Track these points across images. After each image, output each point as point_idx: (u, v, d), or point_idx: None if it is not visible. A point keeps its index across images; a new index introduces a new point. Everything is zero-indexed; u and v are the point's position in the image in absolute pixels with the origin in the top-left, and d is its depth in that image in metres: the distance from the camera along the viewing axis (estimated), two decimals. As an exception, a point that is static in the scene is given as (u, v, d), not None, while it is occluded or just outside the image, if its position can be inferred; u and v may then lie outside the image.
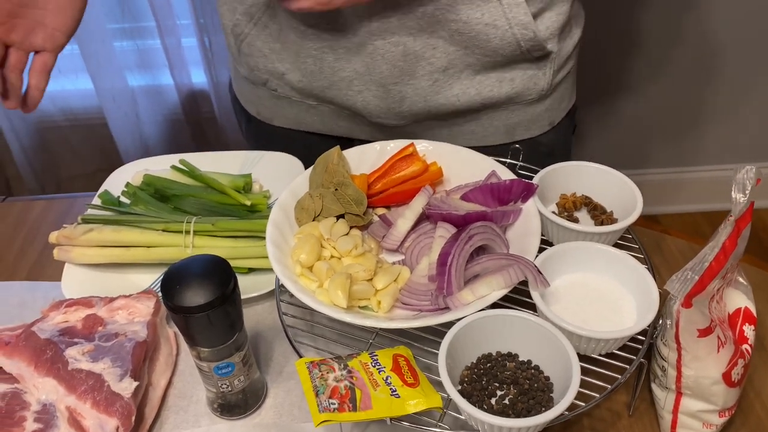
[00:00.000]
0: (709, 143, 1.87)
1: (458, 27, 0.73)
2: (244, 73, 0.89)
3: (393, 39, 0.74)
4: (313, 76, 0.81)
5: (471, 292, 0.59)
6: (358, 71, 0.78)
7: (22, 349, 0.62)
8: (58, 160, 1.72)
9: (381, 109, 0.81)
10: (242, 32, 0.82)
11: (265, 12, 0.79)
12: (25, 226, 0.86)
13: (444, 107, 0.80)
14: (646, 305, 0.57)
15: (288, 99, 0.87)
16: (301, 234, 0.67)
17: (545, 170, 0.70)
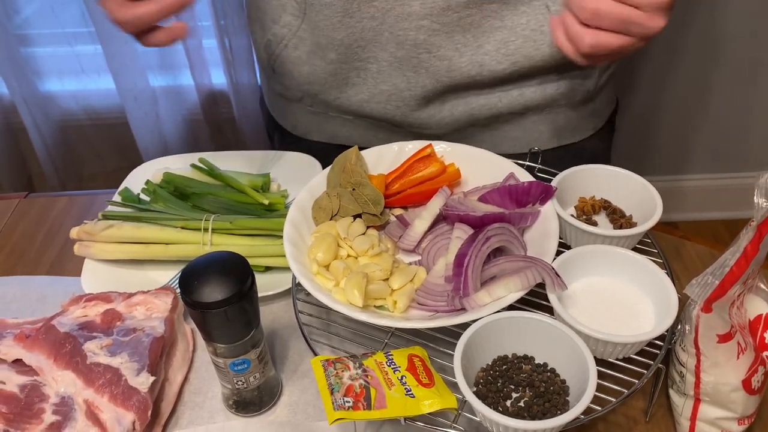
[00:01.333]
0: (729, 150, 1.85)
1: (504, 36, 0.73)
2: (278, 90, 0.89)
3: (439, 53, 0.74)
4: (351, 92, 0.81)
5: (488, 294, 0.58)
6: (398, 86, 0.78)
7: (42, 342, 0.63)
8: (80, 158, 1.75)
9: (421, 119, 0.81)
10: (273, 52, 0.83)
11: (295, 34, 0.79)
12: (47, 222, 0.87)
13: (485, 111, 0.80)
14: (664, 310, 0.57)
15: (325, 114, 0.87)
16: (318, 233, 0.67)
17: (564, 173, 0.70)
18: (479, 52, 0.74)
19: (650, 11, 0.58)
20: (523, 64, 0.76)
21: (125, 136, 1.64)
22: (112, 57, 1.49)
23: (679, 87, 1.73)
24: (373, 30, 0.74)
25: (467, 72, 0.76)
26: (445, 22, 0.72)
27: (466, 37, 0.73)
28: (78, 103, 1.65)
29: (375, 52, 0.76)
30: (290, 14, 0.78)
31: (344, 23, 0.74)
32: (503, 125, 0.83)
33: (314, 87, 0.83)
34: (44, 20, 1.57)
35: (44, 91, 1.62)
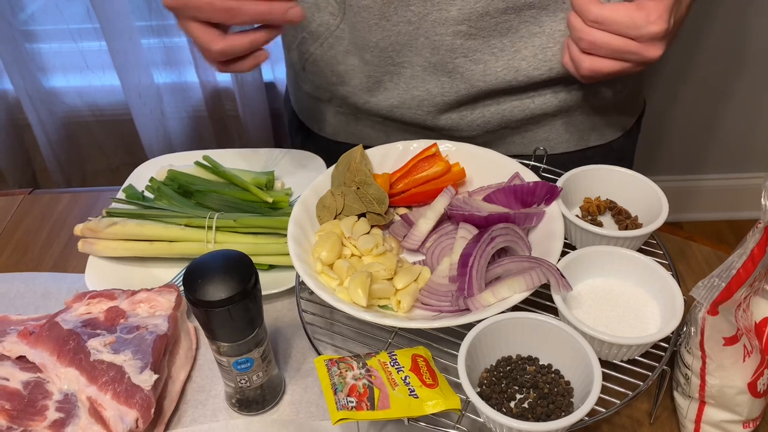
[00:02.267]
0: (735, 150, 1.84)
1: (542, 42, 0.73)
2: (308, 90, 0.89)
3: (475, 57, 0.74)
4: (381, 97, 0.80)
5: (492, 294, 0.58)
6: (431, 92, 0.78)
7: (46, 339, 0.63)
8: (84, 155, 1.75)
9: (452, 122, 0.80)
10: (308, 50, 0.82)
11: (333, 33, 0.78)
12: (51, 219, 0.87)
13: (517, 113, 0.79)
14: (670, 312, 0.57)
15: (354, 116, 0.87)
16: (323, 232, 0.67)
17: (569, 173, 0.69)
18: (516, 58, 0.74)
19: (645, 42, 0.62)
20: (559, 71, 0.75)
21: (129, 132, 1.64)
22: (116, 53, 1.49)
23: (689, 88, 1.73)
24: (409, 34, 0.74)
25: (503, 77, 0.75)
26: (483, 27, 0.72)
27: (503, 42, 0.73)
28: (82, 99, 1.65)
29: (409, 56, 0.76)
30: (329, 13, 0.77)
31: (380, 26, 0.74)
32: (534, 127, 0.83)
33: (345, 88, 0.82)
34: (49, 16, 1.57)
35: (49, 87, 1.62)
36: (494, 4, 0.71)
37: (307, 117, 0.94)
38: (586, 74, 0.66)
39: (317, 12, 0.79)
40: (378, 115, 0.84)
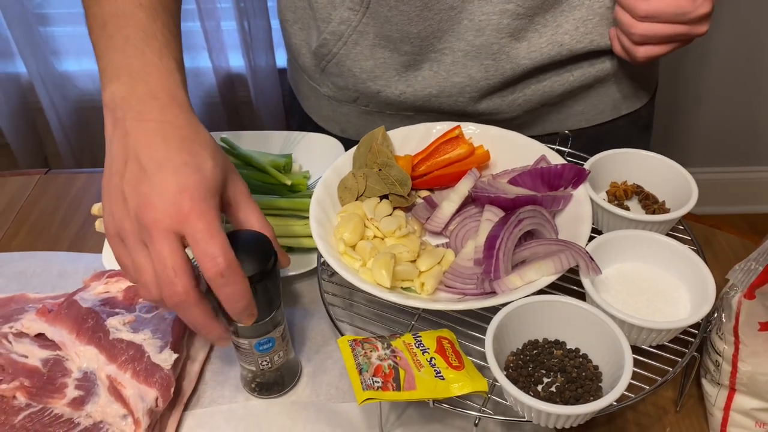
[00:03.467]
0: (748, 143, 1.82)
1: (582, 14, 0.72)
2: (327, 93, 0.86)
3: (520, 35, 0.72)
4: (418, 86, 0.78)
5: (519, 277, 0.57)
6: (474, 77, 0.76)
7: (65, 317, 0.63)
8: (96, 139, 1.74)
9: (493, 106, 0.79)
10: (330, 52, 0.79)
11: (355, 29, 0.76)
12: (67, 199, 0.87)
13: (557, 87, 0.78)
14: (700, 297, 0.55)
15: (380, 113, 0.84)
16: (345, 213, 0.66)
17: (596, 157, 0.68)
18: (559, 32, 0.73)
19: (694, 23, 0.65)
20: (599, 43, 0.75)
21: (142, 117, 1.64)
22: (130, 37, 1.48)
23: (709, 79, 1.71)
24: (452, 19, 0.72)
25: (547, 52, 0.74)
26: (529, 6, 0.71)
27: (546, 17, 0.72)
28: (95, 83, 1.64)
29: (451, 42, 0.74)
30: (347, 8, 0.74)
31: (422, 17, 0.72)
32: (571, 101, 0.82)
33: (378, 83, 0.80)
34: (63, 0, 1.57)
35: (62, 71, 1.61)
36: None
37: (326, 120, 0.91)
38: (642, 62, 0.70)
39: (334, 10, 0.76)
40: (412, 108, 0.82)
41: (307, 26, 0.81)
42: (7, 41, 1.56)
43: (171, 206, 0.49)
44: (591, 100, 0.82)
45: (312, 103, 0.92)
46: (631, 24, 0.67)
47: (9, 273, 0.75)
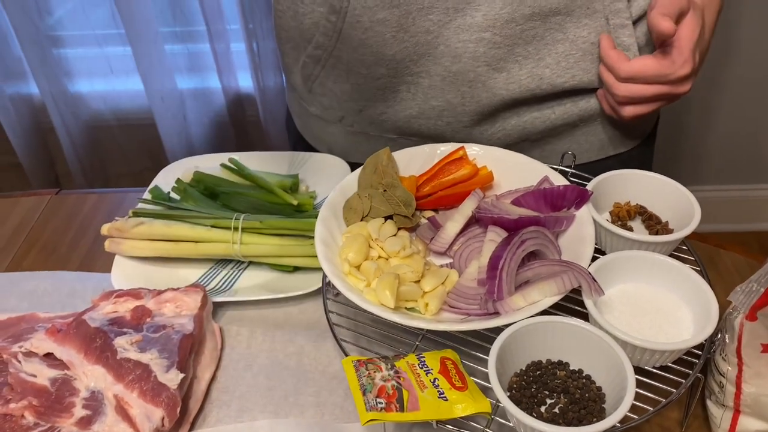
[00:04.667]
0: (757, 160, 1.82)
1: (565, 48, 0.72)
2: (315, 112, 0.88)
3: (498, 65, 0.73)
4: (398, 107, 0.79)
5: (522, 298, 0.58)
6: (451, 102, 0.76)
7: (73, 336, 0.63)
8: (107, 158, 1.77)
9: (472, 136, 0.79)
10: (311, 73, 0.81)
11: (331, 54, 0.77)
12: (78, 219, 0.88)
13: (538, 124, 0.79)
14: (704, 318, 0.56)
15: (365, 134, 0.85)
16: (350, 233, 0.67)
17: (599, 178, 0.69)
18: (540, 65, 0.73)
19: (676, 84, 0.67)
20: (581, 78, 0.75)
21: (152, 137, 1.66)
22: (141, 58, 1.51)
23: (717, 96, 1.71)
24: (428, 44, 0.72)
25: (526, 85, 0.74)
26: (508, 35, 0.71)
27: (527, 49, 0.72)
28: (106, 103, 1.67)
29: (427, 66, 0.74)
30: (322, 34, 0.76)
31: (398, 38, 0.72)
32: (554, 139, 0.82)
33: (358, 103, 0.81)
34: (75, 21, 1.59)
35: (74, 92, 1.64)
36: (520, 11, 0.70)
37: (315, 139, 0.92)
38: (629, 120, 0.73)
39: (316, 31, 0.77)
40: (395, 130, 0.83)
41: (297, 47, 0.83)
42: (20, 62, 1.59)
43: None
44: (575, 139, 0.82)
45: (303, 122, 0.94)
46: (614, 85, 0.70)
47: (20, 292, 0.76)
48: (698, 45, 0.68)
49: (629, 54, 0.73)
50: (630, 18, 0.73)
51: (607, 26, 0.73)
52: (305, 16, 0.77)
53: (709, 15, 0.71)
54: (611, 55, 0.70)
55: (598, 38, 0.72)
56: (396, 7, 0.70)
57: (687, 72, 0.67)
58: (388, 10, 0.70)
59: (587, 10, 0.72)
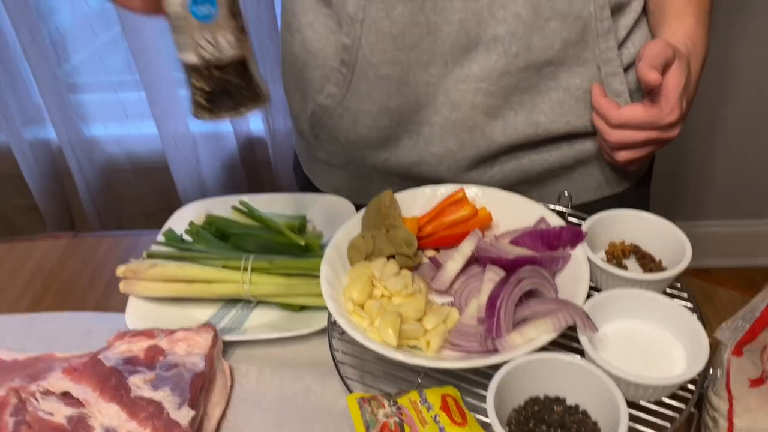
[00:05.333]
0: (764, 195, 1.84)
1: (559, 96, 0.76)
2: (321, 157, 0.91)
3: (495, 113, 0.76)
4: (400, 154, 0.83)
5: (520, 335, 0.60)
6: (451, 148, 0.80)
7: (89, 375, 0.66)
8: (120, 201, 1.81)
9: (472, 179, 0.83)
10: (319, 121, 0.85)
11: (340, 104, 0.81)
12: (94, 261, 0.91)
13: (536, 166, 0.82)
14: (695, 354, 0.57)
15: (369, 178, 0.89)
16: (354, 273, 0.69)
17: (593, 218, 0.71)
18: (535, 112, 0.77)
19: (665, 130, 0.72)
20: (576, 123, 0.78)
21: (165, 179, 1.70)
22: (155, 103, 1.56)
23: (707, 132, 1.74)
24: (428, 95, 0.76)
25: (523, 131, 0.78)
26: (503, 85, 0.74)
27: (522, 98, 0.76)
28: (121, 147, 1.72)
29: (428, 115, 0.78)
30: (334, 84, 0.80)
31: (400, 92, 0.76)
32: (552, 180, 0.85)
33: (362, 151, 0.84)
34: (92, 68, 1.65)
35: (89, 136, 1.69)
36: (515, 63, 0.73)
37: (321, 182, 0.96)
38: (623, 164, 0.76)
39: (326, 83, 0.81)
40: (397, 174, 0.86)
41: (304, 96, 0.87)
42: (39, 109, 1.65)
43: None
44: (573, 180, 0.85)
45: (310, 166, 0.97)
46: (606, 131, 0.73)
47: (38, 333, 0.79)
48: (685, 92, 0.71)
49: (620, 100, 0.77)
50: (621, 66, 0.77)
51: (599, 74, 0.76)
52: (316, 69, 0.82)
53: (695, 63, 0.74)
54: (602, 103, 0.73)
55: (590, 85, 0.76)
56: (398, 64, 0.74)
57: (674, 119, 0.71)
58: (390, 66, 0.74)
59: (579, 60, 0.75)
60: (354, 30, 0.73)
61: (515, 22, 0.71)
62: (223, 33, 0.44)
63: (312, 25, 0.80)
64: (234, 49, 0.45)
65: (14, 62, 1.60)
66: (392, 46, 0.73)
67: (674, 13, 0.77)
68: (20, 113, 1.65)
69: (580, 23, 0.72)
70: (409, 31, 0.71)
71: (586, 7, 0.72)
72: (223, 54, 0.45)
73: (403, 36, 0.72)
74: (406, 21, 0.71)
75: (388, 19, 0.71)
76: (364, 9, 0.71)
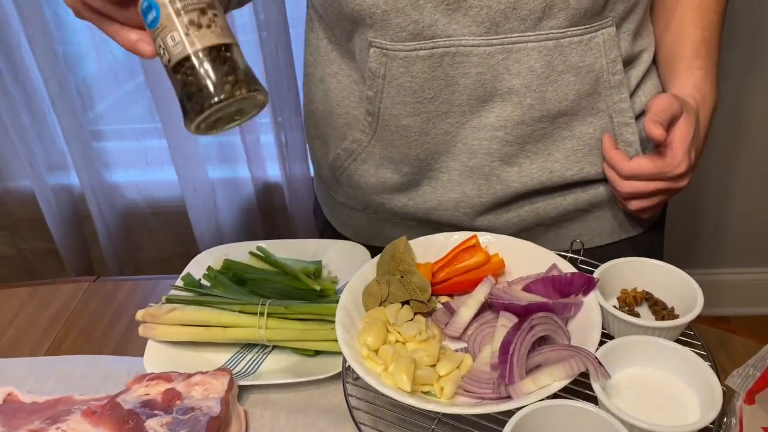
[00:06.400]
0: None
1: (573, 144, 0.78)
2: (342, 200, 0.94)
3: (510, 160, 0.79)
4: (419, 200, 0.85)
5: (533, 382, 0.60)
6: (468, 194, 0.82)
7: (107, 418, 0.67)
8: (139, 245, 1.84)
9: (488, 222, 0.85)
10: (342, 165, 0.88)
11: (365, 149, 0.84)
12: (113, 305, 0.93)
13: (551, 210, 0.84)
14: (709, 402, 0.57)
15: (389, 222, 0.91)
16: (368, 318, 0.70)
17: (606, 265, 0.72)
18: (549, 159, 0.79)
19: (674, 180, 0.75)
20: (589, 170, 0.80)
21: (183, 224, 1.73)
22: (175, 150, 1.60)
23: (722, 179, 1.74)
24: (447, 143, 0.79)
25: (538, 178, 0.80)
26: (519, 134, 0.77)
27: (537, 146, 0.78)
28: (141, 192, 1.76)
29: (447, 162, 0.80)
30: (360, 131, 0.82)
31: (420, 141, 0.79)
32: (567, 223, 0.86)
33: (381, 196, 0.87)
34: (116, 116, 1.71)
35: (111, 182, 1.73)
36: (530, 114, 0.76)
37: (342, 225, 0.98)
38: (635, 212, 0.80)
39: (349, 130, 0.84)
40: (414, 219, 0.88)
41: (326, 142, 0.90)
42: (64, 156, 1.70)
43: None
44: (587, 224, 0.86)
45: (330, 209, 1.00)
46: (617, 182, 0.76)
47: (57, 375, 0.80)
48: (693, 144, 0.74)
49: (631, 150, 0.79)
50: (633, 116, 0.79)
51: (611, 124, 0.78)
52: (339, 117, 0.85)
53: (704, 114, 0.76)
54: (613, 155, 0.76)
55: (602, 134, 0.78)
56: (418, 115, 0.77)
57: (683, 170, 0.73)
58: (411, 117, 0.77)
59: (592, 110, 0.78)
60: (376, 84, 0.76)
61: (530, 76, 0.73)
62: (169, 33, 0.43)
63: (336, 76, 0.83)
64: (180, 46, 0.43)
65: (42, 111, 1.66)
66: (412, 99, 0.76)
67: (683, 66, 0.79)
68: (45, 160, 1.70)
69: (592, 76, 0.75)
70: (429, 85, 0.74)
71: (599, 60, 0.74)
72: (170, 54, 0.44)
73: (422, 90, 0.75)
74: (425, 76, 0.74)
75: (408, 75, 0.74)
76: (386, 65, 0.74)
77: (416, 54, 0.72)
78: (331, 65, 0.84)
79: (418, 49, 0.72)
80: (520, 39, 0.71)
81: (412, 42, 0.72)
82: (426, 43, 0.72)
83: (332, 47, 0.83)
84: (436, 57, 0.72)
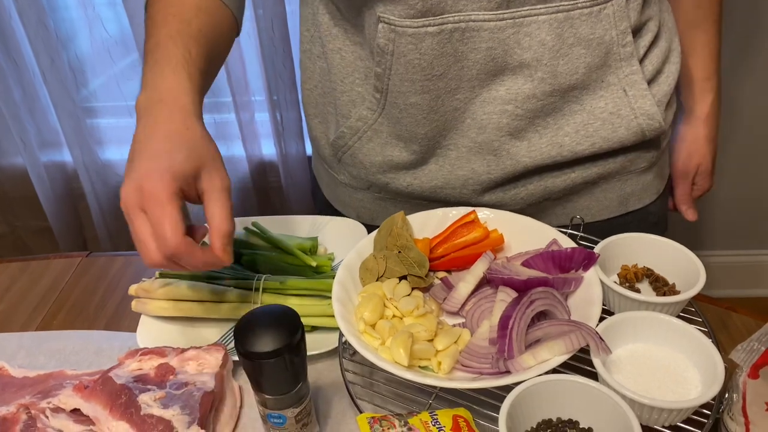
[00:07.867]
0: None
1: (583, 118, 0.77)
2: (344, 180, 0.92)
3: (520, 135, 0.78)
4: (424, 179, 0.84)
5: (532, 356, 0.59)
6: (477, 170, 0.81)
7: (99, 393, 0.66)
8: (132, 223, 1.82)
9: (496, 198, 0.83)
10: (345, 144, 0.85)
11: (371, 127, 0.82)
12: (106, 280, 0.92)
13: (559, 183, 0.82)
14: (710, 377, 0.57)
15: (392, 200, 0.90)
16: (365, 293, 0.69)
17: (606, 241, 0.71)
18: (559, 134, 0.77)
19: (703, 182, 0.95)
20: (601, 145, 0.79)
21: (177, 202, 1.71)
22: (169, 128, 1.57)
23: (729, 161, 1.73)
24: (456, 119, 0.77)
25: (547, 153, 0.78)
26: (529, 108, 0.75)
27: (546, 120, 0.77)
28: (135, 170, 1.73)
29: (455, 138, 0.79)
30: (366, 108, 0.80)
31: (429, 119, 0.77)
32: (575, 196, 0.85)
33: (387, 175, 0.85)
34: (109, 93, 1.68)
35: (104, 160, 1.71)
36: (541, 88, 0.74)
37: (343, 205, 0.97)
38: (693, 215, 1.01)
39: (353, 108, 0.82)
40: (419, 197, 0.86)
41: (326, 120, 0.88)
42: (57, 133, 1.68)
43: (135, 184, 0.63)
44: (596, 196, 0.85)
45: (331, 190, 0.97)
46: None
47: (49, 350, 0.79)
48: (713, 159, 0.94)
49: (653, 123, 0.78)
50: (647, 87, 0.77)
51: (626, 98, 0.77)
52: (343, 94, 0.82)
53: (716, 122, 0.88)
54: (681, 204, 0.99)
55: (616, 107, 0.77)
56: (426, 93, 0.75)
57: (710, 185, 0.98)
58: (419, 95, 0.75)
59: (602, 83, 0.76)
60: (385, 60, 0.74)
61: (541, 49, 0.72)
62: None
63: (339, 52, 0.81)
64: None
65: (33, 87, 1.63)
66: (421, 77, 0.74)
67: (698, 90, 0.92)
68: (37, 137, 1.68)
69: (603, 48, 0.73)
70: (438, 62, 0.73)
71: (609, 32, 0.73)
72: None
73: (431, 67, 0.73)
74: (434, 52, 0.72)
75: (417, 52, 0.72)
76: (394, 42, 0.72)
77: (425, 30, 0.71)
78: (333, 41, 0.82)
79: (427, 26, 0.70)
80: (531, 12, 0.70)
81: (421, 18, 0.70)
82: (435, 20, 0.70)
83: (334, 22, 0.81)
84: (445, 33, 0.71)
